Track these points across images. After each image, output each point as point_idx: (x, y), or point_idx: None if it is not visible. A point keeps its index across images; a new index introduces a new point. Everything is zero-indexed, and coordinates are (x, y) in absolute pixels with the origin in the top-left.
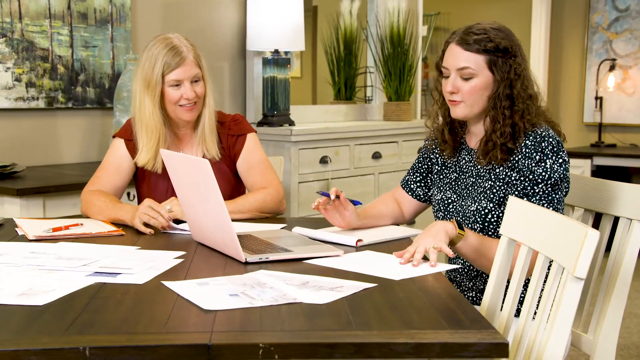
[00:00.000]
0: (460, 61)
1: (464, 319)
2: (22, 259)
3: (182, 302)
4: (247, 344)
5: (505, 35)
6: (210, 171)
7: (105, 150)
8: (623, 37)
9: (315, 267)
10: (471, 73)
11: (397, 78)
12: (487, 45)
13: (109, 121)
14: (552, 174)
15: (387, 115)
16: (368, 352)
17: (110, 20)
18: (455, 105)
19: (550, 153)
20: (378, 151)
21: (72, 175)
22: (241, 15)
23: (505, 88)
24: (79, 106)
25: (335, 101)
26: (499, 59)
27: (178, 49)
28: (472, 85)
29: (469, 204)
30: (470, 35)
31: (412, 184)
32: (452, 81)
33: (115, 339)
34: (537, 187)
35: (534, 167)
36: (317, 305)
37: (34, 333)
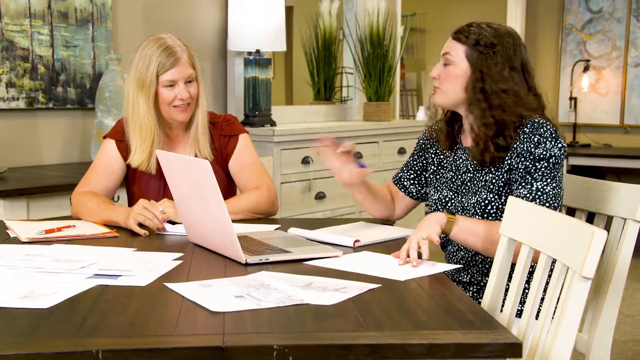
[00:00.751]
0: (445, 48)
1: (474, 319)
2: (18, 261)
3: (188, 304)
4: (261, 345)
5: (496, 33)
6: (210, 172)
7: (86, 151)
8: (596, 39)
9: (316, 268)
10: (449, 59)
11: (377, 78)
12: (471, 37)
13: (90, 122)
14: (552, 153)
15: (367, 115)
16: (382, 353)
17: (91, 20)
18: (435, 93)
19: (549, 137)
20: (359, 151)
21: (54, 177)
22: (222, 16)
23: (477, 81)
24: (60, 106)
25: (315, 101)
26: (477, 51)
27: (172, 49)
28: (448, 71)
29: (470, 197)
30: (464, 27)
31: (406, 181)
32: (437, 66)
33: (127, 342)
34: (539, 164)
35: (534, 149)
36: (324, 307)
37: (43, 336)
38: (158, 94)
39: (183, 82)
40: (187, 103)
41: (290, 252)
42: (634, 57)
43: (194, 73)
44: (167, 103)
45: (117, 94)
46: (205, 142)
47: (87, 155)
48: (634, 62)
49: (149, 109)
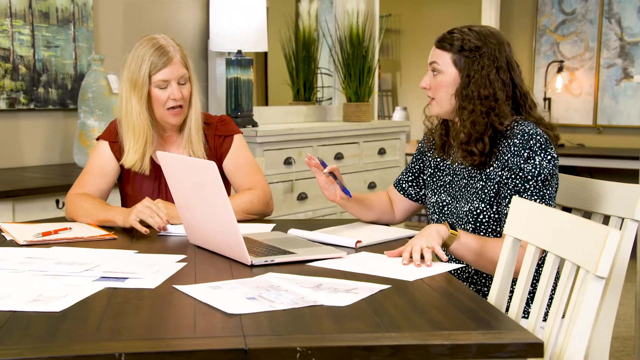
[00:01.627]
0: (431, 57)
1: (490, 319)
2: (20, 264)
3: (201, 306)
4: (284, 347)
5: (478, 36)
6: (217, 173)
7: (68, 152)
8: (569, 40)
9: (321, 269)
10: (437, 68)
11: (357, 79)
12: (455, 43)
13: (72, 123)
14: (542, 170)
15: (346, 116)
16: (404, 354)
17: (73, 20)
18: (429, 104)
19: (539, 150)
20: (340, 152)
21: (38, 178)
22: (203, 16)
23: (463, 86)
24: (41, 107)
25: (295, 102)
26: (463, 57)
27: (165, 48)
28: (437, 81)
29: (463, 204)
30: (445, 34)
31: (404, 183)
32: (426, 77)
33: (149, 345)
34: (528, 184)
35: (523, 165)
36: (338, 308)
37: (62, 340)
38: (151, 94)
39: (176, 82)
40: (180, 105)
41: (295, 253)
42: (607, 58)
43: (187, 73)
44: (161, 104)
45: (100, 95)
46: (199, 143)
47: (69, 157)
48: (606, 63)
49: (142, 109)
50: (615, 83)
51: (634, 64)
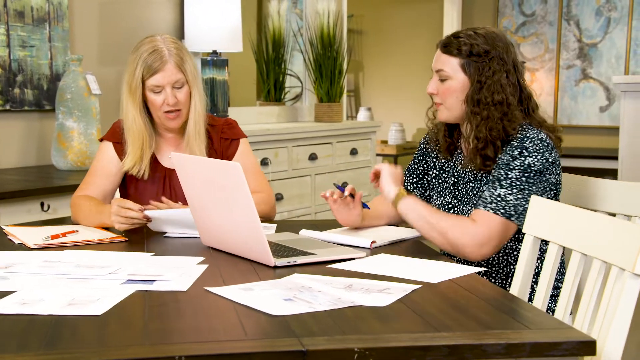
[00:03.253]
0: (437, 63)
1: (533, 317)
2: (40, 268)
3: (241, 308)
4: (342, 349)
5: (486, 40)
6: (242, 174)
7: (44, 154)
8: (530, 41)
9: (344, 270)
10: (446, 75)
11: (329, 80)
12: (462, 48)
13: (48, 124)
14: (529, 167)
15: (318, 116)
16: (460, 354)
17: (48, 19)
18: (437, 108)
19: (534, 151)
20: (314, 152)
21: (20, 181)
22: (177, 16)
23: (475, 92)
24: (17, 108)
25: (265, 102)
26: (472, 62)
27: (160, 52)
28: (446, 86)
29: (470, 207)
30: (451, 38)
31: (409, 185)
32: (432, 82)
33: (208, 347)
34: (511, 173)
35: (512, 161)
36: (379, 308)
37: (116, 344)
38: (147, 98)
39: (170, 87)
40: (176, 109)
41: (315, 254)
42: (566, 59)
43: (182, 78)
44: (157, 108)
45: (79, 95)
46: (199, 146)
47: (45, 159)
48: (565, 64)
49: (137, 113)
50: (574, 84)
51: (592, 65)
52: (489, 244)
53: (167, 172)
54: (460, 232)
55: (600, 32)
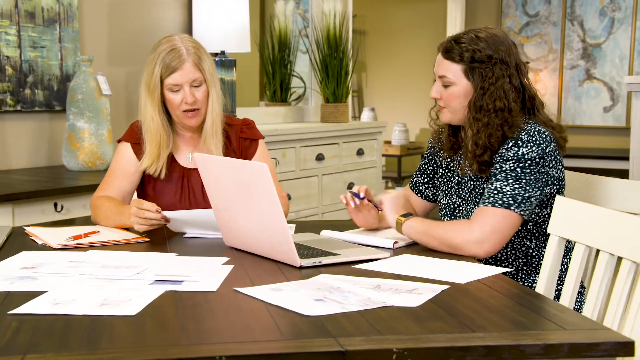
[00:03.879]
0: (440, 69)
1: (567, 318)
2: (67, 268)
3: (274, 308)
4: (380, 349)
5: (488, 44)
6: (269, 175)
7: (54, 155)
8: (533, 42)
9: (370, 271)
10: (449, 81)
11: (335, 80)
12: (465, 54)
13: (59, 125)
14: (523, 157)
15: (324, 117)
16: (499, 355)
17: (58, 20)
18: (440, 110)
19: (527, 140)
20: (321, 153)
21: (33, 182)
22: (185, 16)
23: (477, 98)
24: (28, 109)
25: (271, 103)
26: (475, 68)
27: (178, 51)
28: (449, 92)
29: (473, 206)
30: (452, 43)
31: (420, 186)
32: (435, 87)
33: (247, 347)
34: (505, 165)
35: (505, 153)
36: (411, 308)
37: (156, 344)
38: (165, 97)
39: (188, 86)
40: (195, 108)
41: (339, 254)
42: (569, 60)
43: (200, 76)
44: (176, 107)
45: (90, 96)
46: (216, 145)
47: (56, 159)
48: (569, 65)
49: (155, 112)
50: (578, 84)
51: (596, 65)
52: (491, 239)
53: (185, 172)
54: (455, 234)
55: (604, 33)
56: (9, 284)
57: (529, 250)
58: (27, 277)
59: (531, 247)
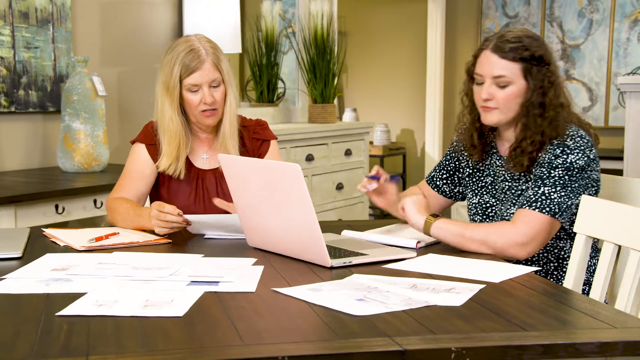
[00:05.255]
0: (496, 69)
1: (613, 316)
2: (98, 270)
3: (319, 308)
4: (439, 348)
5: (539, 43)
6: (301, 176)
7: (48, 156)
8: None
9: (400, 271)
10: (507, 81)
11: (323, 81)
12: (523, 53)
13: (53, 126)
14: (572, 164)
15: (312, 117)
16: (554, 353)
17: (52, 20)
18: (488, 112)
19: (576, 149)
20: (311, 153)
21: (28, 184)
22: (175, 17)
23: (538, 96)
24: (22, 110)
25: (259, 103)
26: (533, 67)
27: (197, 52)
28: (507, 92)
29: (509, 206)
30: (505, 43)
31: (438, 181)
32: (487, 88)
33: (306, 348)
34: (554, 171)
35: (554, 159)
36: (455, 308)
37: (214, 344)
38: (183, 97)
39: (207, 86)
40: (213, 108)
41: (367, 254)
42: None
43: (219, 77)
44: (194, 107)
45: (85, 97)
46: (234, 147)
47: (49, 161)
48: None
49: (174, 113)
50: None
51: (575, 66)
52: (533, 242)
53: (200, 173)
54: (498, 236)
55: (582, 34)
56: (44, 286)
57: (561, 252)
58: (61, 278)
59: (564, 249)
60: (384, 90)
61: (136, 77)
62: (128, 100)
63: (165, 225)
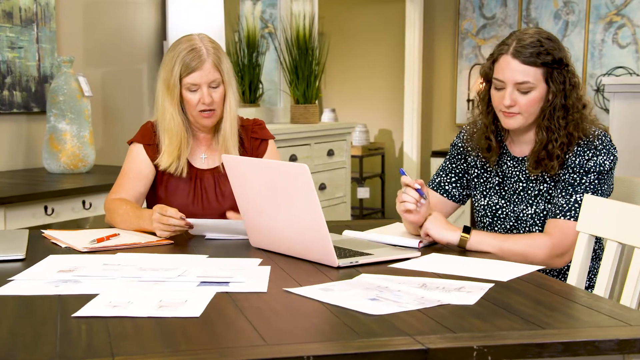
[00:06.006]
0: (518, 75)
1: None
2: (105, 271)
3: (334, 308)
4: (462, 347)
5: (557, 45)
6: (310, 176)
7: (33, 157)
8: (490, 43)
9: (407, 270)
10: (530, 87)
11: (305, 81)
12: (546, 58)
13: (37, 126)
14: (602, 167)
15: (294, 118)
16: (574, 351)
17: (36, 20)
18: (511, 117)
19: (604, 150)
20: (294, 154)
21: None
22: (159, 17)
23: (561, 99)
24: (6, 111)
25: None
26: (554, 70)
27: (198, 51)
28: (530, 98)
29: (524, 207)
30: (525, 47)
31: (447, 185)
32: (509, 95)
33: (330, 347)
34: (586, 177)
35: (585, 162)
36: (469, 306)
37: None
38: (183, 96)
39: (206, 86)
40: (211, 108)
41: (372, 254)
42: None
43: (219, 77)
44: (193, 107)
45: (71, 97)
46: (234, 147)
47: (35, 162)
48: None
49: (174, 111)
50: None
51: None
52: (570, 251)
53: (199, 173)
54: (537, 249)
55: (558, 35)
56: (54, 287)
57: None
58: (70, 280)
59: None
60: (362, 91)
61: (120, 77)
62: (112, 101)
63: (168, 229)
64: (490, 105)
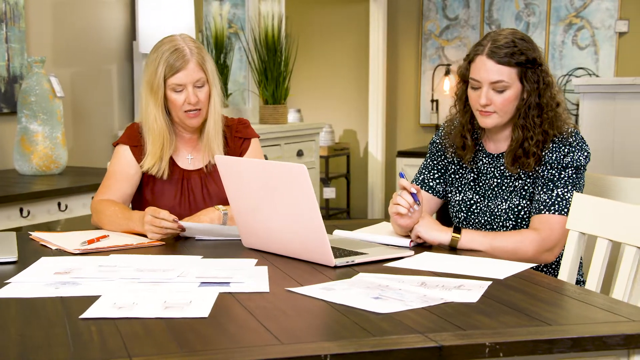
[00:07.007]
0: (493, 74)
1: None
2: (102, 273)
3: (340, 307)
4: (474, 344)
5: (531, 45)
6: (308, 177)
7: (2, 159)
8: (454, 44)
9: (403, 269)
10: (504, 86)
11: (274, 82)
12: (520, 58)
13: (7, 127)
14: (579, 162)
15: (263, 118)
16: (582, 346)
17: (4, 20)
18: (487, 116)
19: (578, 146)
20: (265, 154)
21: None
22: (128, 18)
23: (535, 97)
24: None
25: None
26: (528, 70)
27: (181, 51)
28: (505, 97)
29: (498, 203)
30: (500, 48)
31: (431, 182)
32: (485, 94)
33: (346, 346)
34: (564, 172)
35: (562, 158)
36: (472, 304)
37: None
38: (167, 97)
39: (192, 86)
40: (197, 108)
41: (367, 253)
42: None
43: (203, 77)
44: (178, 107)
45: (43, 98)
46: (218, 146)
47: (5, 163)
48: None
49: (158, 113)
50: None
51: None
52: (559, 245)
53: (185, 174)
54: (526, 245)
55: None
56: (54, 290)
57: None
58: (68, 282)
59: None
60: (327, 91)
61: (90, 77)
62: (82, 102)
63: (160, 232)
64: (467, 105)
